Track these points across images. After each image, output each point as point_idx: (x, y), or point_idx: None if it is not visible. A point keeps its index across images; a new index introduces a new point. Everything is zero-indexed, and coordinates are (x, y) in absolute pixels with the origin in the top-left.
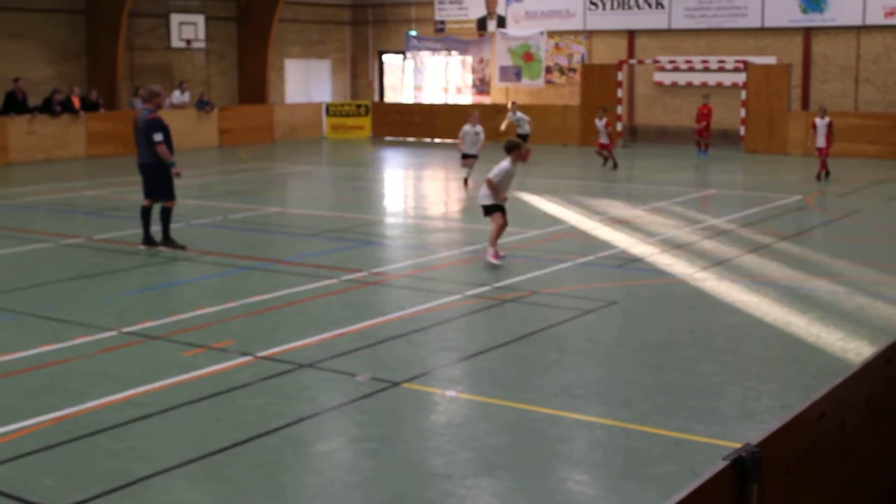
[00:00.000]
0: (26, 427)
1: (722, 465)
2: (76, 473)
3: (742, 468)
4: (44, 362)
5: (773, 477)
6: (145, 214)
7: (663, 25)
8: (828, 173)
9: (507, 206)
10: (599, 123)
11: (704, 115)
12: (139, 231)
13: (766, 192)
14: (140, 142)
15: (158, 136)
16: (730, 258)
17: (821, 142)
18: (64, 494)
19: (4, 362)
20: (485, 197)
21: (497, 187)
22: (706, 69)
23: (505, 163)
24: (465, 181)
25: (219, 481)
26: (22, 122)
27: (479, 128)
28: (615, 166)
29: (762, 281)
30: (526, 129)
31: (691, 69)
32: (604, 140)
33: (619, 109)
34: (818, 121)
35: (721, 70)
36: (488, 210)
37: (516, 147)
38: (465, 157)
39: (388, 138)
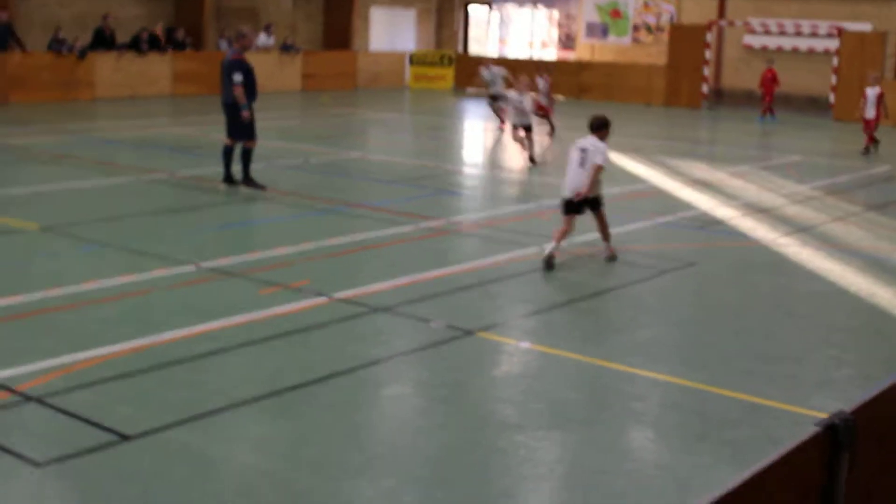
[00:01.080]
0: (105, 355)
1: (814, 431)
2: (151, 402)
3: (834, 435)
4: (123, 292)
5: (866, 446)
6: (227, 153)
7: None
8: (877, 143)
9: None
10: (541, 82)
11: (768, 80)
12: (220, 169)
13: (854, 160)
14: (224, 81)
15: (238, 77)
16: (814, 225)
17: (870, 112)
18: (139, 422)
19: (86, 291)
20: (579, 186)
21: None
22: (798, 34)
23: (603, 144)
24: (532, 158)
25: (292, 418)
26: (109, 58)
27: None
28: (551, 132)
29: (847, 250)
30: (500, 88)
31: (783, 33)
32: (543, 101)
33: (706, 71)
34: (869, 90)
35: (814, 35)
36: (574, 207)
37: (607, 125)
38: (517, 128)
39: (471, 90)
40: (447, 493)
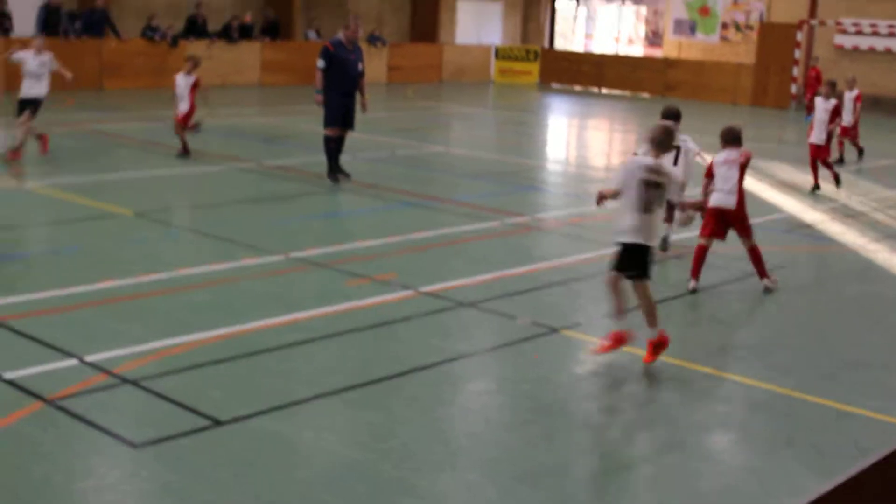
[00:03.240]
0: (197, 340)
1: None
2: (242, 389)
3: None
4: (213, 279)
5: None
6: (327, 144)
7: None
8: (861, 151)
9: None
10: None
11: (812, 79)
12: (307, 160)
13: None
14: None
15: (320, 63)
16: None
17: (847, 119)
18: (230, 408)
19: (177, 277)
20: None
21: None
22: (891, 34)
23: (693, 144)
24: None
25: (378, 409)
26: (201, 46)
27: None
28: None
29: None
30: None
31: (875, 34)
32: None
33: (795, 71)
34: (847, 93)
35: None
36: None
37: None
38: None
39: (556, 85)
40: (530, 489)
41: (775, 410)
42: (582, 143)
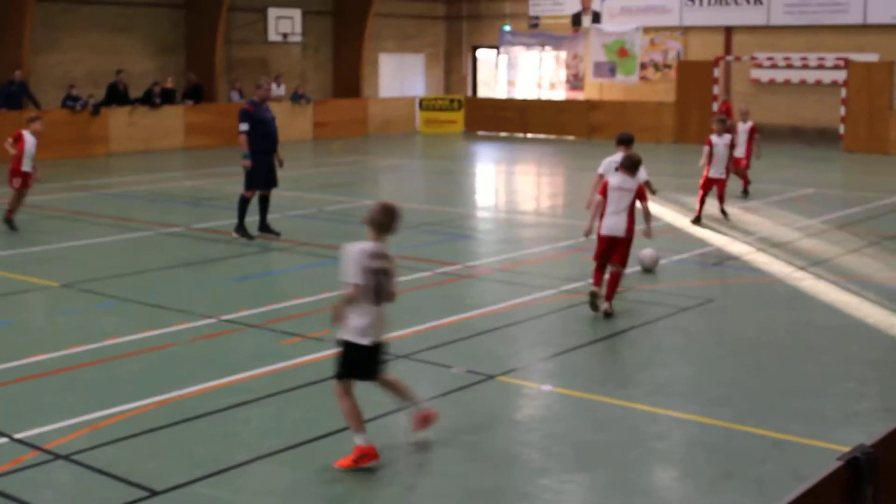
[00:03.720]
0: (130, 410)
1: (835, 465)
2: (178, 457)
3: (857, 469)
4: (145, 347)
5: (889, 479)
6: (242, 203)
7: (762, 22)
8: (746, 187)
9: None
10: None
11: (724, 113)
12: (236, 221)
13: (866, 191)
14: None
15: (243, 126)
16: (829, 258)
17: (740, 151)
18: (166, 477)
19: (108, 346)
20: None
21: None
22: (805, 66)
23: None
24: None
25: (316, 469)
26: (123, 113)
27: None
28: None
29: (863, 282)
30: None
31: (790, 66)
32: None
33: (715, 107)
34: (740, 125)
35: (821, 67)
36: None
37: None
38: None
39: (481, 133)
40: None
41: (713, 444)
42: (510, 188)
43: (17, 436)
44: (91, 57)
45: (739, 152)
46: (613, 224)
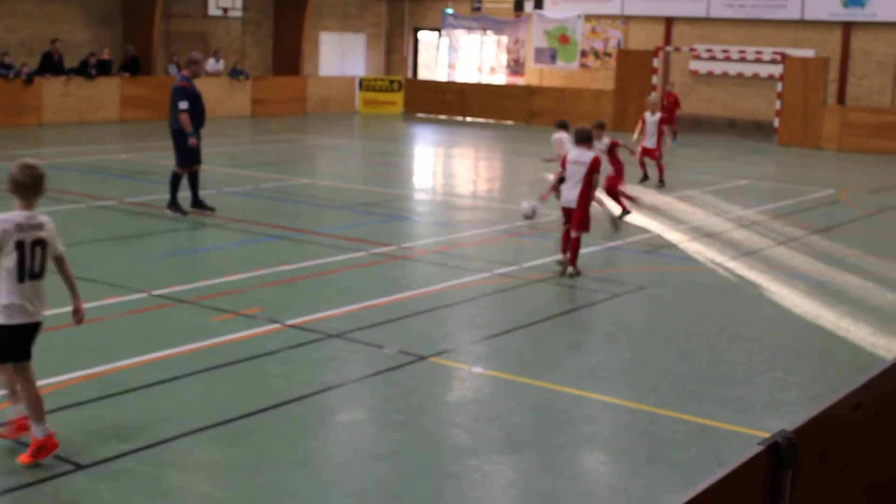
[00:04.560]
0: (57, 383)
1: (757, 450)
2: (105, 431)
3: (777, 454)
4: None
5: (808, 465)
6: (175, 180)
7: (701, 13)
8: (646, 177)
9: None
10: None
11: (671, 103)
12: (168, 195)
13: (799, 185)
14: (171, 107)
15: (184, 104)
16: (760, 249)
17: (650, 142)
18: (93, 451)
19: None
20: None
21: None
22: (743, 59)
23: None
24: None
25: (245, 446)
26: (57, 83)
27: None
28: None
29: (792, 273)
30: None
31: (728, 59)
32: None
33: (653, 95)
34: (648, 116)
35: (758, 61)
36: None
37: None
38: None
39: (420, 115)
40: None
41: (640, 428)
42: (448, 171)
43: None
44: (25, 24)
45: (650, 143)
46: (569, 196)
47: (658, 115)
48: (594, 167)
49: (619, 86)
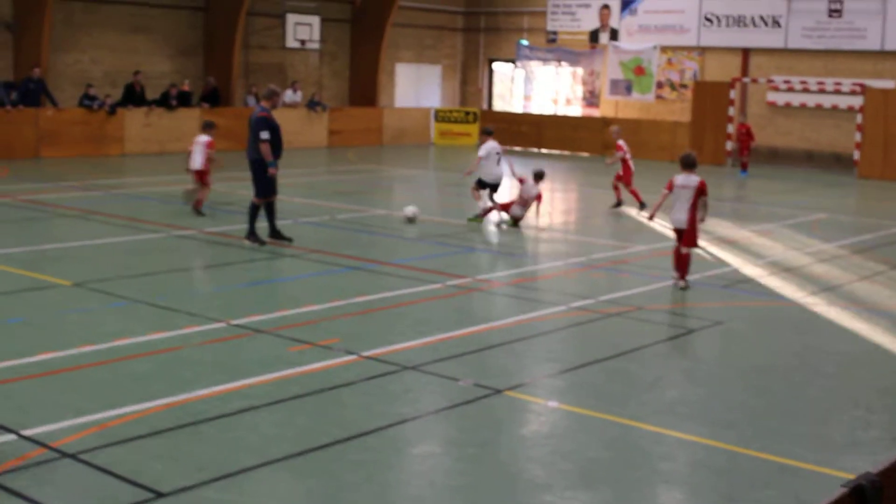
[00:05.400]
0: (138, 411)
1: (840, 492)
2: (184, 459)
3: (862, 497)
4: (154, 349)
5: None
6: (253, 210)
7: (779, 44)
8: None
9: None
10: None
11: (742, 134)
12: (246, 226)
13: (880, 218)
14: (250, 138)
15: (265, 135)
16: (840, 284)
17: (619, 168)
18: (172, 479)
19: (117, 347)
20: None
21: None
22: (821, 91)
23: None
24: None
25: (322, 476)
26: (139, 114)
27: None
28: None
29: (874, 309)
30: None
31: (806, 90)
32: None
33: (730, 128)
34: (622, 144)
35: (837, 92)
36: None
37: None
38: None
39: None
40: None
41: (716, 466)
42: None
43: (25, 433)
44: (109, 57)
45: (620, 169)
46: (679, 217)
47: (620, 141)
48: (702, 190)
49: (696, 118)
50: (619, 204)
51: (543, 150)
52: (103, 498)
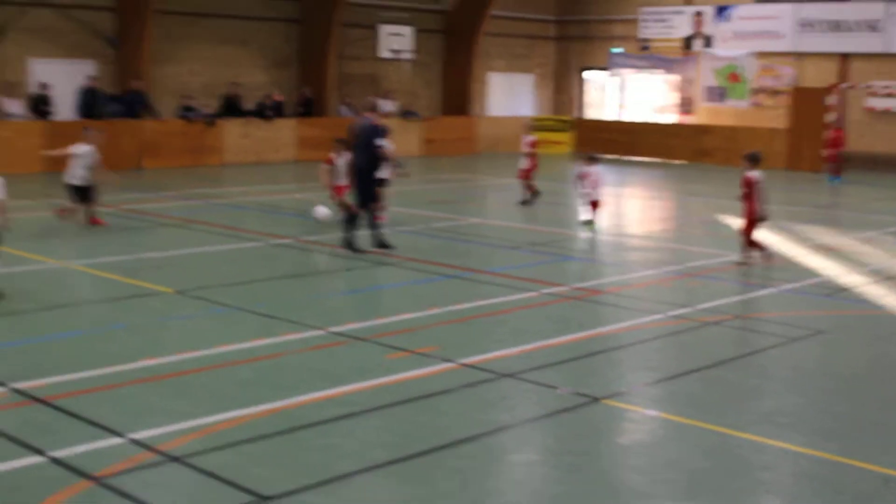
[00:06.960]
0: (241, 416)
1: None
2: (285, 465)
3: None
4: (255, 356)
5: None
6: (352, 219)
7: (878, 49)
8: (537, 193)
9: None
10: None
11: (833, 140)
12: (345, 234)
13: None
14: (358, 147)
15: (383, 142)
16: None
17: (523, 162)
18: (275, 484)
19: (220, 353)
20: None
21: None
22: None
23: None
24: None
25: (421, 483)
26: (237, 125)
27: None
28: (528, 198)
29: None
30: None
31: None
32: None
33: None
34: (525, 137)
35: None
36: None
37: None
38: None
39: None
40: None
41: (819, 477)
42: (618, 211)
43: (132, 436)
44: (207, 69)
45: (522, 164)
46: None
47: (531, 137)
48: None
49: (793, 125)
50: (536, 195)
51: (637, 158)
52: (209, 501)
